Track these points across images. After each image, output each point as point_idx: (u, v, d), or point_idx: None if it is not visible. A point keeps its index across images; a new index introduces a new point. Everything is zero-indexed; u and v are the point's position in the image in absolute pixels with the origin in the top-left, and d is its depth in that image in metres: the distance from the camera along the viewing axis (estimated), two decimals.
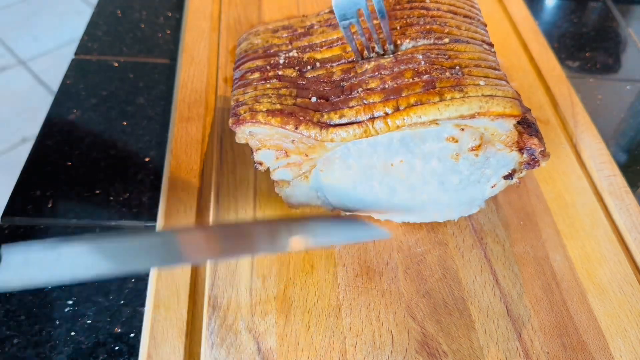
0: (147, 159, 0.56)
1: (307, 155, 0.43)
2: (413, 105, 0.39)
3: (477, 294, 0.45)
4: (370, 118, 0.40)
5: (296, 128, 0.41)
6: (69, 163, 0.55)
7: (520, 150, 0.42)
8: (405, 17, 0.47)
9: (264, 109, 0.42)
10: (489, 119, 0.39)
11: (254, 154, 0.44)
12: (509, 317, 0.44)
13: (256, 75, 0.45)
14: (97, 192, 0.53)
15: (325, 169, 0.44)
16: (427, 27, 0.45)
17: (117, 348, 0.43)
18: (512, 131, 0.41)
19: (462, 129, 0.40)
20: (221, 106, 0.57)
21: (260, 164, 0.44)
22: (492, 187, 0.45)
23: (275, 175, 0.45)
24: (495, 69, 0.43)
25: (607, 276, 0.47)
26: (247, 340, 0.41)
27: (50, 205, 0.52)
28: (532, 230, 0.50)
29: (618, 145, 0.63)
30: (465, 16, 0.49)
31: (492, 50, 0.47)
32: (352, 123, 0.40)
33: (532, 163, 0.43)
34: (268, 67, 0.46)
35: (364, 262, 0.46)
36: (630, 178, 0.55)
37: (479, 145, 0.41)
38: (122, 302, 0.46)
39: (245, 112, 0.42)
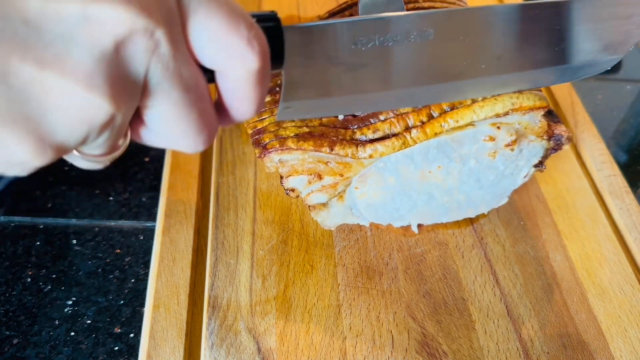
0: (147, 159, 0.56)
1: (342, 175, 0.41)
2: (447, 111, 0.40)
3: (477, 294, 0.45)
4: (407, 128, 0.40)
5: (331, 149, 0.39)
6: (69, 163, 0.55)
7: (550, 138, 0.43)
8: None
9: (292, 134, 0.40)
10: (521, 113, 0.40)
11: (284, 181, 0.42)
12: (509, 317, 0.44)
13: (268, 98, 0.43)
14: (97, 192, 0.53)
15: (360, 185, 0.43)
16: None
17: (117, 348, 0.43)
18: (542, 122, 0.42)
19: (498, 127, 0.41)
20: None
21: (292, 190, 0.42)
22: (524, 177, 0.46)
23: (310, 200, 0.43)
24: None
25: (607, 276, 0.47)
26: (247, 340, 0.41)
27: (50, 205, 0.52)
28: (532, 230, 0.50)
29: (618, 145, 0.63)
30: None
31: None
32: (388, 136, 0.40)
33: (557, 147, 0.44)
34: (277, 89, 0.43)
35: (364, 262, 0.46)
36: (630, 178, 0.55)
37: (515, 140, 0.42)
38: (122, 302, 0.46)
39: (271, 140, 0.40)
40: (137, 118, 0.24)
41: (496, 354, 0.42)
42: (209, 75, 0.26)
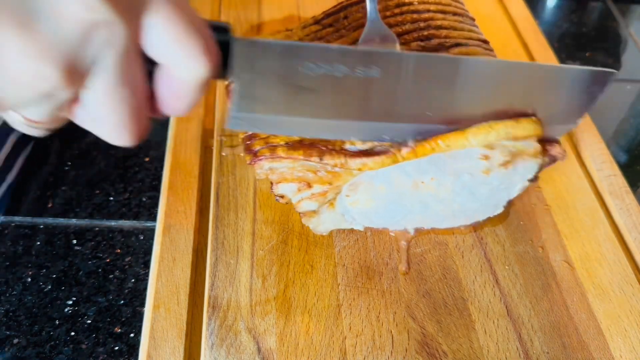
0: (147, 159, 0.56)
1: (331, 184, 0.41)
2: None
3: (477, 294, 0.45)
4: (397, 147, 0.39)
5: (321, 159, 0.40)
6: (69, 163, 0.55)
7: (544, 155, 0.42)
8: (398, 23, 0.46)
9: (282, 142, 0.40)
10: (514, 141, 0.39)
11: (274, 187, 0.42)
12: (509, 317, 0.44)
13: None
14: (97, 192, 0.53)
15: (351, 194, 0.43)
16: (425, 32, 0.45)
17: (117, 348, 0.43)
18: (536, 146, 0.41)
19: (493, 148, 0.40)
20: (220, 106, 0.57)
21: (282, 197, 0.43)
22: (519, 190, 0.45)
23: (300, 208, 0.44)
24: None
25: (607, 276, 0.47)
26: (247, 341, 0.41)
27: (50, 205, 0.52)
28: (532, 230, 0.50)
29: (618, 145, 0.63)
30: (455, 14, 0.49)
31: (491, 49, 0.47)
32: (378, 153, 0.39)
33: (552, 162, 0.44)
34: None
35: (364, 262, 0.46)
36: (630, 178, 0.55)
37: (509, 161, 0.41)
38: (122, 302, 0.46)
39: (261, 147, 0.41)
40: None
41: (496, 354, 0.42)
42: (149, 66, 0.26)
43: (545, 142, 0.42)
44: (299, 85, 0.33)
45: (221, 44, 0.28)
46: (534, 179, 0.44)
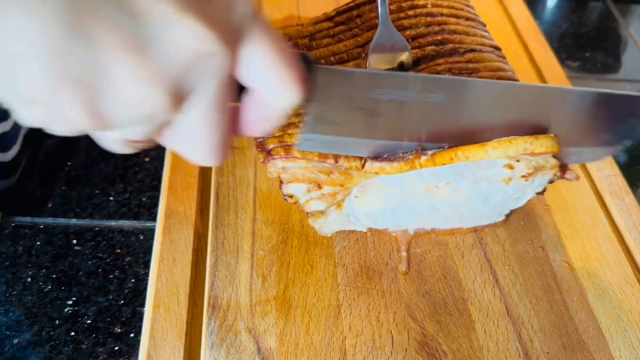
0: (147, 159, 0.56)
1: (342, 185, 0.41)
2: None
3: (477, 294, 0.45)
4: (417, 155, 0.39)
5: (336, 161, 0.40)
6: (69, 163, 0.55)
7: (561, 173, 0.43)
8: (412, 26, 0.46)
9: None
10: (532, 157, 0.39)
11: (283, 187, 0.42)
12: (509, 317, 0.44)
13: None
14: (97, 192, 0.53)
15: (361, 195, 0.43)
16: (439, 37, 0.45)
17: (117, 348, 0.43)
18: (553, 162, 0.41)
19: (518, 160, 0.40)
20: None
21: (290, 196, 0.42)
22: (526, 201, 0.46)
23: (308, 208, 0.43)
24: (514, 79, 0.43)
25: (607, 276, 0.47)
26: (247, 341, 0.41)
27: (50, 205, 0.52)
28: (532, 230, 0.50)
29: None
30: (467, 18, 0.49)
31: (503, 56, 0.48)
32: (397, 159, 0.39)
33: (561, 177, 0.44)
34: None
35: (364, 262, 0.46)
36: (630, 178, 0.55)
37: (532, 173, 0.41)
38: (122, 302, 0.46)
39: (275, 146, 0.41)
40: None
41: (496, 354, 0.42)
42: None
43: (561, 163, 0.42)
44: (369, 109, 0.36)
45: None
46: (542, 192, 0.44)
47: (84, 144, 0.57)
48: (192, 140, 0.26)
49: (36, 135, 0.57)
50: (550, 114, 0.39)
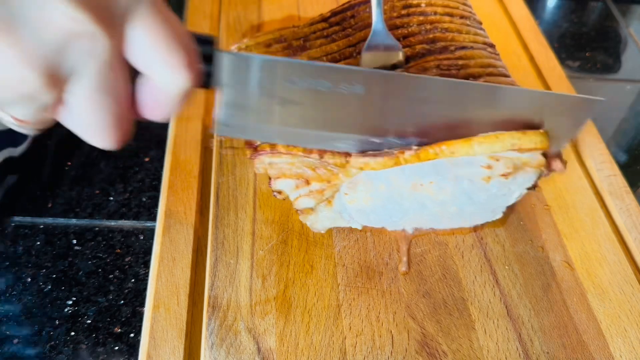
0: (147, 159, 0.56)
1: (329, 182, 0.42)
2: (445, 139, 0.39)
3: (477, 294, 0.45)
4: (401, 150, 0.39)
5: (321, 157, 0.40)
6: (69, 163, 0.55)
7: (547, 168, 0.42)
8: (404, 25, 0.46)
9: None
10: (520, 153, 0.39)
11: (272, 183, 0.43)
12: (509, 317, 0.44)
13: None
14: (97, 192, 0.53)
15: (350, 192, 0.43)
16: (430, 35, 0.45)
17: (117, 348, 0.43)
18: (540, 159, 0.41)
19: (497, 160, 0.40)
20: None
21: (279, 192, 0.43)
22: (516, 197, 0.45)
23: (297, 205, 0.44)
24: (505, 75, 0.43)
25: (607, 276, 0.47)
26: (247, 341, 0.41)
27: (50, 205, 0.52)
28: (532, 230, 0.50)
29: (618, 145, 0.63)
30: (462, 17, 0.49)
31: (496, 52, 0.47)
32: (381, 154, 0.39)
33: (550, 172, 0.44)
34: None
35: (364, 262, 0.46)
36: (630, 178, 0.55)
37: (511, 172, 0.41)
38: (122, 302, 0.46)
39: (262, 142, 0.41)
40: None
41: (496, 354, 0.42)
42: (134, 73, 0.27)
43: (549, 156, 0.42)
44: (282, 97, 0.35)
45: (206, 56, 0.29)
46: (533, 187, 0.44)
47: (84, 144, 0.57)
48: (81, 121, 0.26)
49: (44, 133, 0.57)
50: (471, 111, 0.38)
